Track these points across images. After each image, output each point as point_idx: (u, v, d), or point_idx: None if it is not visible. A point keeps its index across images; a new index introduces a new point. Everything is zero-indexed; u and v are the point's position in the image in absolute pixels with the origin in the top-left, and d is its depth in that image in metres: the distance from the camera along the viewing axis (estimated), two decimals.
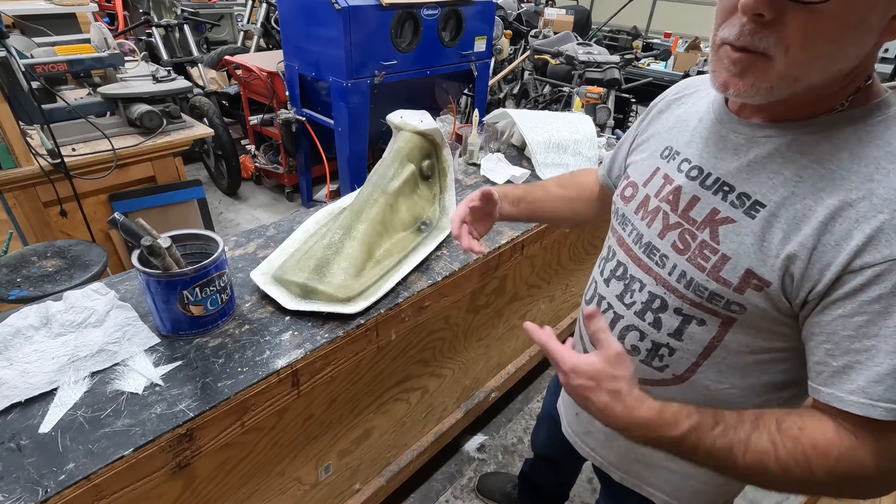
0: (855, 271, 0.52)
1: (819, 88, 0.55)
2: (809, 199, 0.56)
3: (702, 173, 0.66)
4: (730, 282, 0.61)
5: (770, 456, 0.56)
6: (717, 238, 0.62)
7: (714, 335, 0.66)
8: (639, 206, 0.75)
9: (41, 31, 2.85)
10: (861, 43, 0.51)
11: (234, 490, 0.99)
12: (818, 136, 0.57)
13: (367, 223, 1.16)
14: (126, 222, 0.85)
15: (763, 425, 0.57)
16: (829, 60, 0.52)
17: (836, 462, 0.54)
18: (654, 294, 0.70)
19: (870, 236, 0.51)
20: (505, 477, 1.72)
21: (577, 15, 5.42)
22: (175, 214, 2.22)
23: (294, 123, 2.96)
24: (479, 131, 1.81)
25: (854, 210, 0.53)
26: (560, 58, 3.27)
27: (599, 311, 0.65)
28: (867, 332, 0.52)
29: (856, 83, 0.56)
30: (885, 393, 0.51)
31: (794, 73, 0.52)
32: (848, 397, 0.53)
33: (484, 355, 1.67)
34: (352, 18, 2.32)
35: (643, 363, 0.75)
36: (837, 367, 0.54)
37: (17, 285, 1.46)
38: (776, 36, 0.51)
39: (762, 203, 0.59)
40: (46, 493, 0.66)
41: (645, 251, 0.72)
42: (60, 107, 1.86)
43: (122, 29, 4.03)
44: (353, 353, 1.03)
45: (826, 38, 0.50)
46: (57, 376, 0.82)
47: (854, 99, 0.56)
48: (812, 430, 0.56)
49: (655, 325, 0.71)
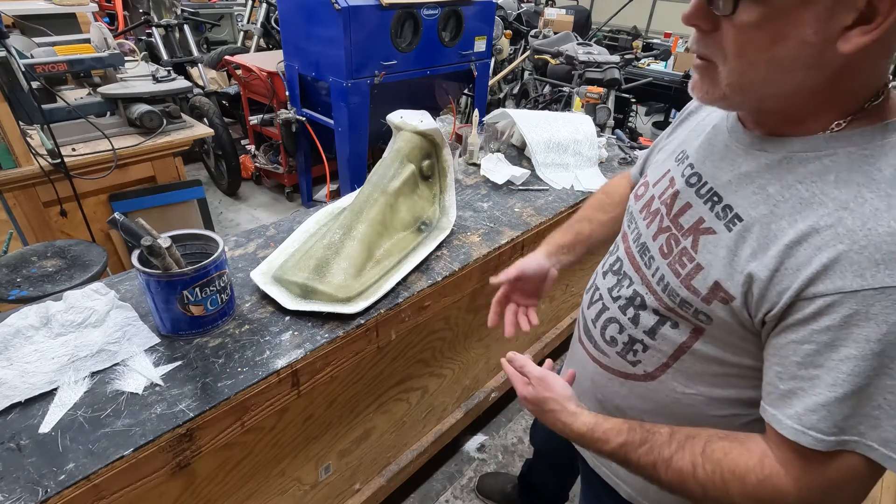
0: (808, 299, 0.51)
1: (805, 101, 0.54)
2: (785, 220, 0.55)
3: (700, 181, 0.66)
4: (699, 291, 0.61)
5: (689, 475, 0.59)
6: (696, 247, 0.63)
7: (685, 340, 0.67)
8: (644, 205, 0.76)
9: (41, 31, 2.84)
10: (805, 56, 0.49)
11: (234, 490, 0.99)
12: (810, 156, 0.55)
13: (367, 223, 1.16)
14: (126, 222, 0.85)
15: (689, 446, 0.60)
16: (771, 71, 0.51)
17: (753, 488, 0.56)
18: (637, 292, 0.73)
19: (825, 265, 0.50)
20: (505, 477, 1.72)
21: (577, 15, 5.42)
22: (175, 214, 2.22)
23: (294, 123, 2.96)
24: (479, 131, 1.81)
25: (819, 237, 0.52)
26: (560, 58, 3.27)
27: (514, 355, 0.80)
28: (813, 362, 0.52)
29: (858, 100, 0.53)
30: (818, 423, 0.51)
31: (736, 80, 0.53)
32: (785, 421, 0.54)
33: (484, 355, 1.67)
34: (352, 18, 2.32)
35: (619, 355, 0.77)
36: (783, 391, 0.55)
37: (17, 285, 1.46)
38: (716, 45, 0.53)
39: (741, 217, 0.59)
40: (46, 493, 0.66)
41: (639, 250, 0.73)
42: (60, 107, 1.86)
43: (122, 29, 4.03)
44: (353, 353, 1.03)
45: (755, 48, 0.50)
46: (57, 376, 0.82)
47: (855, 119, 0.53)
48: (736, 456, 0.58)
49: (634, 321, 0.73)
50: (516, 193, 1.59)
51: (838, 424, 0.51)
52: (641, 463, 0.63)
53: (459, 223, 1.38)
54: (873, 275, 0.48)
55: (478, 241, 1.33)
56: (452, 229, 1.32)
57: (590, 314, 0.84)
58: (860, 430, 0.50)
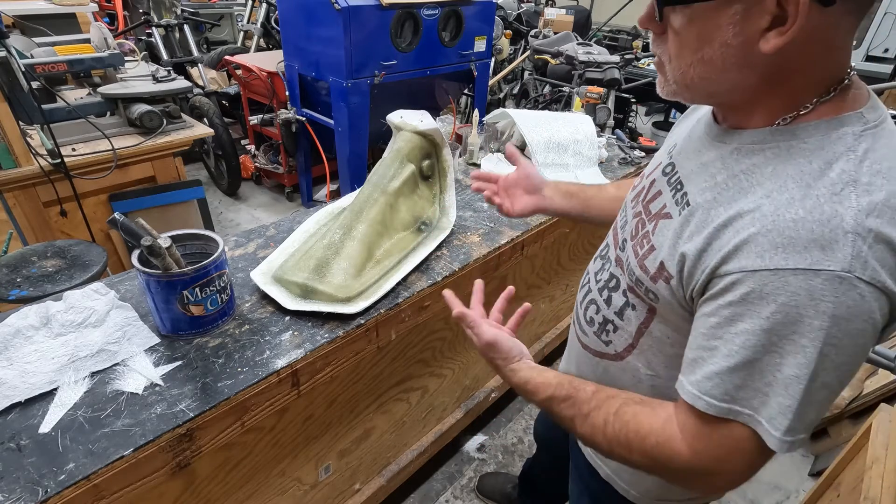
0: (719, 276, 0.55)
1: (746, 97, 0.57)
2: (723, 207, 0.58)
3: (672, 170, 0.71)
4: (649, 270, 0.66)
5: (599, 431, 0.65)
6: (655, 230, 0.67)
7: (642, 321, 0.72)
8: (636, 195, 0.79)
9: (41, 31, 2.84)
10: (732, 56, 0.53)
11: (234, 490, 0.99)
12: (755, 147, 0.58)
13: (367, 223, 1.16)
14: (126, 222, 0.85)
15: (605, 406, 0.66)
16: (705, 70, 0.56)
17: (651, 448, 0.61)
18: (612, 274, 0.78)
19: (737, 246, 0.54)
20: (505, 477, 1.72)
21: (577, 15, 5.42)
22: (175, 214, 2.22)
23: (294, 123, 2.96)
24: (479, 131, 1.81)
25: (741, 220, 0.55)
26: (560, 58, 3.27)
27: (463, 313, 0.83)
28: (715, 334, 0.56)
29: (799, 97, 0.55)
30: (711, 389, 0.55)
31: (679, 78, 0.59)
32: (686, 386, 0.58)
33: None
34: (352, 18, 2.32)
35: (595, 335, 0.82)
36: (689, 360, 0.59)
37: (17, 285, 1.46)
38: (664, 46, 0.59)
39: (690, 203, 0.63)
40: (46, 493, 0.66)
41: (621, 236, 0.78)
42: (60, 107, 1.86)
43: (122, 29, 4.03)
44: (353, 353, 1.03)
45: (688, 49, 0.56)
46: (57, 376, 0.82)
47: (800, 115, 0.55)
48: (642, 419, 0.63)
49: (608, 302, 0.78)
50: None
51: (730, 393, 0.54)
52: (562, 415, 0.70)
53: (459, 223, 1.38)
54: (771, 257, 0.51)
55: (478, 241, 1.33)
56: (452, 229, 1.32)
57: (579, 297, 0.89)
58: (753, 404, 0.54)
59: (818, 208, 0.50)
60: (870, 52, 5.01)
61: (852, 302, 0.48)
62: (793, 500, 1.77)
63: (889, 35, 4.88)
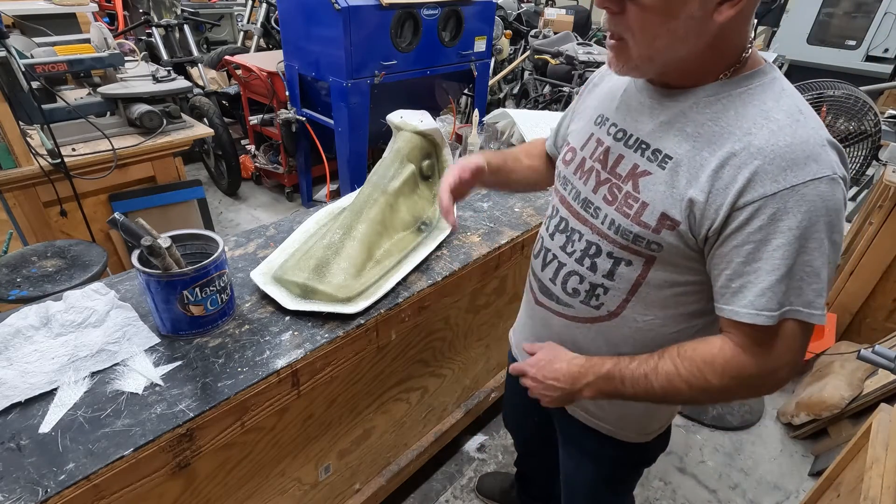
0: (740, 208, 0.64)
1: (696, 61, 0.67)
2: (706, 151, 0.67)
3: (625, 135, 0.77)
4: (649, 224, 0.72)
5: (674, 374, 0.72)
6: (637, 188, 0.74)
7: (639, 273, 0.77)
8: (577, 167, 0.85)
9: (41, 31, 2.84)
10: (693, 27, 0.62)
11: (234, 490, 0.99)
12: (712, 99, 0.69)
13: (367, 223, 1.16)
14: (126, 222, 0.85)
15: (667, 354, 0.74)
16: (670, 41, 0.63)
17: (722, 368, 0.69)
18: (590, 242, 0.81)
19: (748, 179, 0.63)
20: (505, 477, 1.72)
21: (577, 15, 5.42)
22: (175, 214, 2.22)
23: (294, 123, 2.96)
24: (479, 131, 1.81)
25: (737, 158, 0.64)
26: (560, 58, 3.27)
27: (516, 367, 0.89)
28: (754, 257, 0.65)
29: (733, 55, 0.67)
30: (767, 304, 0.65)
31: (644, 52, 0.65)
32: (741, 310, 0.66)
33: (484, 355, 1.67)
34: (352, 18, 2.32)
35: (583, 303, 0.85)
36: (735, 288, 0.67)
37: (17, 285, 1.46)
38: (624, 24, 0.65)
39: (670, 156, 0.71)
40: (46, 493, 0.66)
41: (582, 206, 0.82)
42: (60, 107, 1.86)
43: (122, 29, 4.03)
44: (353, 353, 1.03)
45: (654, 25, 0.62)
46: (57, 376, 0.82)
47: (736, 69, 0.68)
48: (702, 349, 0.72)
49: (592, 269, 0.82)
50: (516, 193, 1.59)
51: (780, 300, 0.64)
52: (635, 376, 0.75)
53: (459, 223, 1.38)
54: (784, 177, 0.62)
55: (478, 241, 1.33)
56: (452, 229, 1.32)
57: (546, 275, 0.91)
58: (791, 300, 0.64)
59: (796, 133, 0.63)
60: (870, 52, 5.01)
61: (840, 194, 0.62)
62: (793, 500, 1.77)
63: (889, 35, 4.87)
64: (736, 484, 1.81)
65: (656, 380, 0.73)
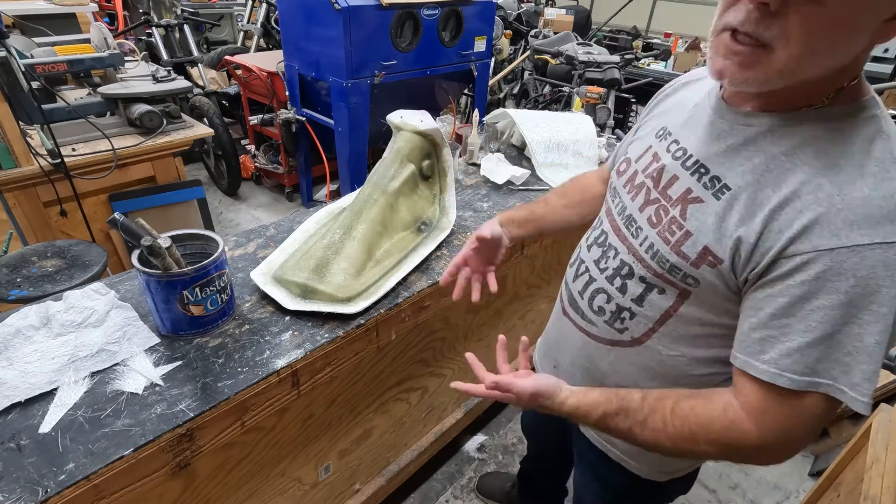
0: (788, 257, 0.57)
1: (807, 84, 0.57)
2: (770, 188, 0.59)
3: (685, 154, 0.70)
4: (688, 256, 0.66)
5: (661, 433, 0.66)
6: (685, 215, 0.67)
7: (671, 304, 0.71)
8: (628, 180, 0.79)
9: (41, 31, 2.84)
10: (854, 42, 0.53)
11: (234, 490, 0.99)
12: (793, 130, 0.60)
13: (367, 223, 1.16)
14: (126, 222, 0.85)
15: (659, 408, 0.67)
16: (824, 56, 0.54)
17: (718, 434, 0.62)
18: (624, 262, 0.76)
19: (805, 226, 0.55)
20: (505, 477, 1.72)
21: (577, 15, 5.42)
22: (175, 214, 2.22)
23: (294, 123, 2.96)
24: (479, 131, 1.81)
25: (800, 201, 0.57)
26: (560, 58, 3.27)
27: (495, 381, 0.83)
28: (786, 312, 0.57)
29: (840, 82, 0.58)
30: (791, 365, 0.57)
31: (791, 66, 0.54)
32: (760, 366, 0.59)
33: (484, 355, 1.66)
34: (352, 18, 2.32)
35: (606, 323, 0.81)
36: (756, 339, 0.60)
37: (17, 285, 1.46)
38: (779, 27, 0.53)
39: (729, 186, 0.63)
40: (46, 493, 0.66)
41: (625, 222, 0.77)
42: (60, 107, 1.86)
43: (122, 29, 4.03)
44: (353, 353, 1.03)
45: (823, 33, 0.52)
46: (57, 376, 0.82)
47: (835, 97, 0.58)
48: (701, 410, 0.64)
49: (621, 290, 0.77)
50: (516, 193, 1.59)
51: (810, 367, 0.56)
52: (620, 428, 0.70)
53: (459, 223, 1.38)
54: (847, 234, 0.53)
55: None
56: (452, 229, 1.32)
57: (576, 286, 0.87)
58: (833, 374, 0.56)
59: (879, 186, 0.54)
60: None
61: None
62: (793, 500, 1.77)
63: None
64: (736, 484, 1.81)
65: (641, 434, 0.68)
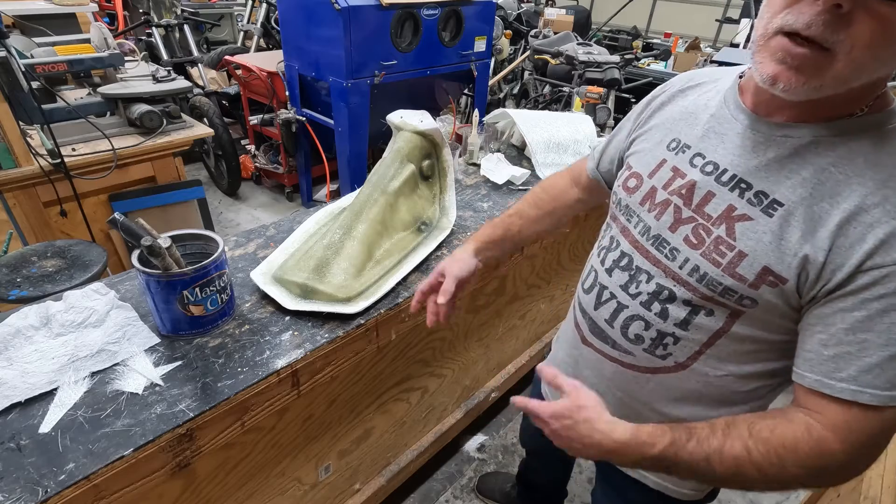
0: (864, 271, 0.55)
1: (852, 91, 0.56)
2: (826, 202, 0.58)
3: (717, 169, 0.67)
4: (746, 278, 0.62)
5: (745, 460, 0.60)
6: (733, 234, 0.64)
7: (721, 326, 0.68)
8: (644, 197, 0.75)
9: (41, 31, 2.84)
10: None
11: (234, 490, 0.99)
12: (836, 140, 0.59)
13: (367, 223, 1.16)
14: (126, 222, 0.85)
15: (734, 433, 0.61)
16: (880, 64, 0.53)
17: (806, 456, 0.58)
18: (662, 286, 0.71)
19: (882, 240, 0.54)
20: (505, 477, 1.72)
21: (577, 15, 5.42)
22: (175, 214, 2.22)
23: (294, 123, 2.96)
24: (479, 131, 1.81)
25: (869, 215, 0.55)
26: (560, 58, 3.27)
27: (546, 366, 0.73)
28: (863, 327, 0.55)
29: (878, 90, 0.58)
30: (873, 381, 0.55)
31: (849, 73, 0.53)
32: (837, 384, 0.57)
33: (484, 355, 1.67)
34: (352, 18, 2.32)
35: (646, 352, 0.76)
36: (828, 356, 0.58)
37: (17, 285, 1.46)
38: (846, 32, 0.50)
39: (780, 202, 0.61)
40: (46, 493, 0.66)
41: (654, 244, 0.72)
42: (60, 107, 1.86)
43: (122, 29, 4.03)
44: (353, 353, 1.03)
45: (888, 40, 0.50)
46: (57, 376, 0.82)
47: (872, 105, 0.58)
48: (782, 431, 0.60)
49: (661, 316, 0.72)
50: (516, 193, 1.59)
51: (891, 380, 0.55)
52: (694, 458, 0.61)
53: (459, 223, 1.38)
54: None
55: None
56: (452, 229, 1.32)
57: (601, 315, 0.81)
58: None
59: None
60: None
61: None
62: (793, 500, 1.77)
63: None
64: None
65: (720, 464, 0.60)
